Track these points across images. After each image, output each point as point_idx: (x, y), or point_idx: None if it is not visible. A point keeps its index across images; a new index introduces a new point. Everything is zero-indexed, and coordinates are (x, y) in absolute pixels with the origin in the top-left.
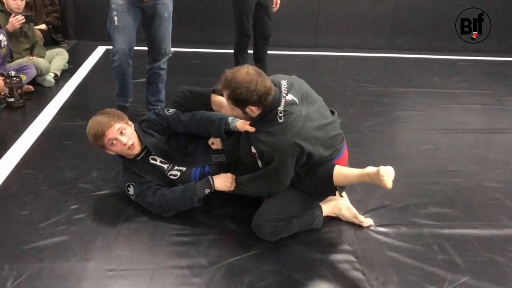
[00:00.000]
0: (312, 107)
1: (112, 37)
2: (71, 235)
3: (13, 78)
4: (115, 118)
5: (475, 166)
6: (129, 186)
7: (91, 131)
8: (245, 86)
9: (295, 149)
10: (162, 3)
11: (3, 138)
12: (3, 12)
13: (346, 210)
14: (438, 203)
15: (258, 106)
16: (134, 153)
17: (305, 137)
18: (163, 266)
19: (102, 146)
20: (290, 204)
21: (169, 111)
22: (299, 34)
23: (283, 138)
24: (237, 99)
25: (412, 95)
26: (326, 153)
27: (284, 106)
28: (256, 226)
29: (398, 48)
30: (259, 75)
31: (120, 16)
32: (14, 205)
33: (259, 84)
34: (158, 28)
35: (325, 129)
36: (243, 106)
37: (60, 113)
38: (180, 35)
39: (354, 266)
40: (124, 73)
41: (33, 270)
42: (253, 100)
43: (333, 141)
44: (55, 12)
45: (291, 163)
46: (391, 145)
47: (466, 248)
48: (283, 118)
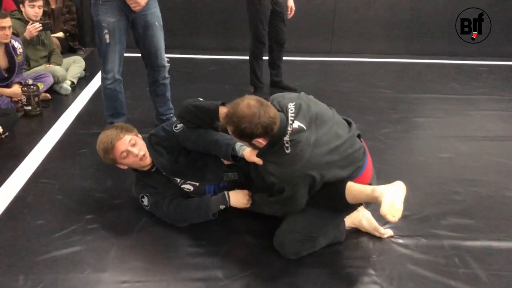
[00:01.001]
0: (322, 129)
1: (103, 55)
2: (85, 246)
3: (30, 87)
4: (123, 130)
5: (496, 175)
6: (143, 197)
7: (101, 145)
8: (248, 120)
9: (306, 179)
10: (151, 13)
11: (20, 146)
12: (21, 20)
13: (367, 222)
14: (459, 214)
15: (265, 137)
16: (146, 164)
17: (315, 165)
18: (178, 278)
19: (114, 160)
20: (316, 221)
21: (177, 127)
22: (314, 40)
23: (292, 170)
24: (242, 134)
25: (430, 101)
26: (344, 173)
27: (291, 135)
28: (280, 245)
29: (415, 53)
30: (261, 106)
31: (112, 34)
32: (30, 214)
33: (262, 115)
34: (153, 39)
35: (339, 150)
36: (249, 140)
37: (76, 121)
38: (196, 42)
39: (373, 280)
40: (116, 90)
41: (48, 281)
42: (258, 133)
43: (351, 159)
44: (72, 20)
45: (303, 192)
46: (409, 153)
47: (489, 261)
48: (290, 148)
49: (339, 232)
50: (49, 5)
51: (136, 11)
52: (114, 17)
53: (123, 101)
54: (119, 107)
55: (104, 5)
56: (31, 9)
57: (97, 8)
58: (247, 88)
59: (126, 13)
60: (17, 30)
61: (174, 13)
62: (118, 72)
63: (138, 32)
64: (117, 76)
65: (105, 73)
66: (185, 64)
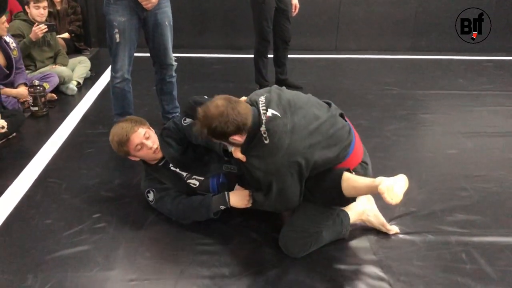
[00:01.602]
0: (298, 114)
1: (114, 54)
2: (93, 244)
3: (37, 87)
4: (138, 123)
5: (504, 170)
6: (149, 192)
7: (115, 137)
8: (217, 120)
9: (291, 167)
10: (162, 12)
11: (27, 147)
12: (26, 22)
13: (374, 218)
14: (466, 210)
15: (240, 134)
16: (159, 156)
17: (297, 151)
18: (185, 276)
19: (127, 152)
20: (317, 215)
21: (186, 121)
22: (319, 38)
23: (275, 161)
24: (215, 134)
25: (436, 97)
26: (331, 153)
27: (266, 125)
28: (285, 245)
29: (421, 49)
30: (229, 104)
31: (123, 33)
32: (38, 214)
33: (231, 113)
34: (162, 38)
35: (320, 131)
36: (225, 139)
37: (82, 121)
38: (201, 40)
39: (380, 276)
40: (125, 89)
41: (56, 279)
42: (230, 131)
43: (335, 138)
44: (78, 21)
45: (292, 180)
46: (415, 150)
47: (497, 257)
48: (268, 138)
49: (343, 227)
50: (55, 6)
51: (148, 9)
52: (125, 17)
53: (131, 101)
54: (127, 106)
55: (115, 4)
56: (36, 10)
57: (108, 7)
58: (252, 86)
59: (137, 13)
60: (22, 31)
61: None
62: (128, 72)
63: (148, 30)
64: (126, 75)
65: (114, 72)
66: (191, 63)
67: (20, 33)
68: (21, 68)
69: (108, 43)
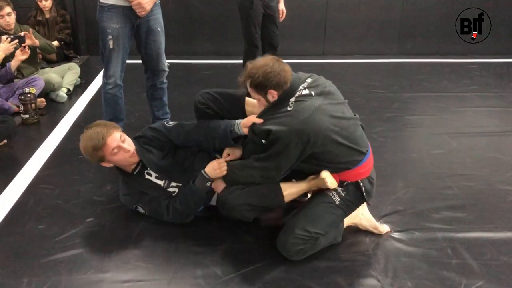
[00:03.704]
0: (329, 100)
1: (107, 60)
2: (87, 248)
3: (27, 95)
4: (112, 127)
5: (488, 169)
6: (137, 208)
7: (89, 142)
8: (262, 70)
9: (301, 136)
10: (154, 18)
11: (19, 154)
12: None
13: (366, 221)
14: (451, 207)
15: (278, 91)
16: (135, 160)
17: (316, 125)
18: (179, 276)
19: (102, 158)
20: (319, 219)
21: (169, 123)
22: (307, 43)
23: (289, 125)
24: (256, 85)
25: (422, 99)
26: (349, 145)
27: (297, 97)
28: (283, 247)
29: (407, 53)
30: (277, 61)
31: (116, 39)
32: (31, 219)
33: (277, 67)
34: (154, 44)
35: (342, 122)
36: (264, 92)
37: (73, 128)
38: (190, 47)
39: (369, 273)
40: (117, 95)
41: (51, 283)
42: (272, 83)
43: (353, 138)
44: (67, 28)
45: (294, 149)
46: (402, 150)
47: (481, 251)
48: (292, 106)
49: (338, 232)
50: (44, 14)
51: (141, 16)
52: (119, 24)
53: (123, 107)
54: (118, 112)
55: (109, 12)
56: (1, 20)
57: (102, 14)
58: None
59: (131, 19)
60: None
61: (170, 19)
62: (120, 78)
63: (140, 37)
64: (118, 81)
65: (106, 78)
66: (180, 69)
67: None
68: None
69: (101, 49)
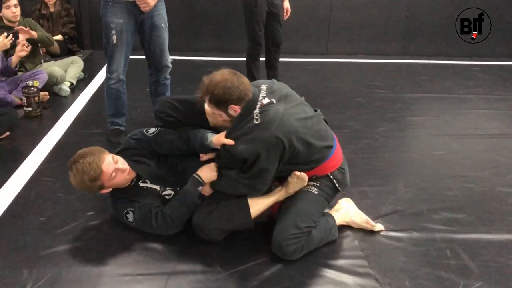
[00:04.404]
0: (290, 104)
1: (110, 55)
2: (87, 241)
3: (30, 88)
4: (100, 152)
5: (488, 171)
6: (127, 213)
7: (85, 176)
8: (222, 86)
9: (277, 145)
10: (158, 14)
11: (21, 146)
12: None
13: (357, 217)
14: (451, 208)
15: (239, 105)
16: (132, 177)
17: (286, 131)
18: (178, 271)
19: (101, 186)
20: (304, 212)
21: (149, 132)
22: (311, 42)
23: (263, 137)
24: (217, 101)
25: (424, 100)
26: (318, 143)
27: (260, 108)
28: (278, 248)
29: (410, 53)
30: (235, 74)
31: (120, 34)
32: (33, 211)
33: (236, 81)
34: (158, 40)
35: (306, 123)
36: (225, 107)
37: (76, 122)
38: (193, 44)
39: (367, 272)
40: (120, 90)
41: (51, 274)
42: (233, 98)
43: (319, 134)
44: (71, 23)
45: (273, 160)
46: (403, 151)
47: (480, 253)
48: (259, 119)
49: (331, 226)
50: (48, 8)
51: (145, 12)
52: (123, 19)
53: (125, 102)
54: (121, 107)
55: (113, 7)
56: (8, 10)
57: (106, 9)
58: None
59: (134, 15)
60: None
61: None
62: (123, 73)
63: (144, 32)
64: (121, 76)
65: (109, 73)
66: (184, 66)
67: None
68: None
69: (104, 44)
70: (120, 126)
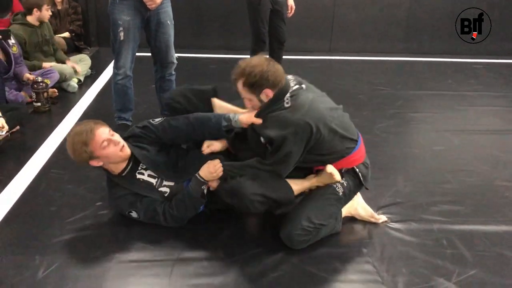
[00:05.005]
0: (317, 93)
1: (117, 51)
2: (96, 229)
3: (39, 84)
4: (99, 122)
5: (487, 166)
6: (130, 212)
7: (76, 138)
8: (259, 69)
9: (305, 128)
10: (164, 11)
11: (31, 140)
12: (25, 25)
13: (362, 210)
14: (449, 201)
15: (273, 89)
16: (125, 155)
17: (315, 116)
18: (183, 258)
19: (91, 153)
20: (325, 209)
21: (155, 120)
22: (314, 39)
23: (292, 120)
24: (253, 83)
25: (426, 97)
26: (343, 133)
27: (291, 92)
28: (287, 237)
29: (413, 51)
30: (271, 60)
31: (127, 31)
32: (43, 202)
33: (272, 66)
34: (163, 36)
35: (333, 112)
36: (259, 90)
37: (83, 117)
38: (198, 41)
39: (365, 260)
40: (127, 86)
41: (62, 261)
42: (268, 82)
43: (347, 127)
44: (78, 20)
45: (299, 145)
46: (403, 146)
47: (475, 243)
48: (290, 102)
49: (337, 222)
50: (56, 6)
51: (151, 9)
52: (130, 16)
53: (132, 97)
54: (128, 102)
55: (120, 4)
56: (46, 13)
57: (114, 6)
58: None
59: (141, 12)
60: (22, 36)
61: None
62: (130, 69)
63: (150, 29)
64: (128, 72)
65: (117, 69)
66: (189, 63)
67: (20, 39)
68: (21, 63)
69: (112, 41)
70: (126, 121)
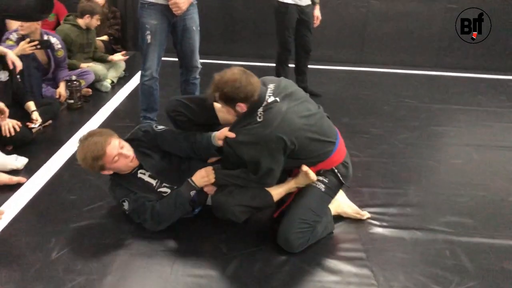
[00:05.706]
0: (294, 102)
1: (145, 53)
2: (110, 219)
3: (73, 82)
4: (108, 135)
5: (503, 182)
6: (124, 201)
7: (89, 154)
8: (230, 85)
9: (278, 142)
10: (190, 18)
11: (61, 134)
12: (75, 27)
13: (348, 208)
14: (458, 213)
15: (246, 103)
16: (135, 165)
17: (287, 129)
18: (186, 250)
19: (102, 167)
20: (317, 204)
21: (158, 127)
22: (345, 50)
23: (264, 135)
24: (225, 98)
25: (451, 112)
26: (320, 139)
27: (264, 107)
28: (285, 242)
29: (444, 66)
30: (244, 73)
31: (154, 35)
32: (65, 190)
33: (244, 81)
34: (189, 42)
35: (310, 120)
36: (233, 104)
37: (112, 115)
38: (230, 48)
39: (364, 264)
40: (153, 87)
41: (75, 244)
42: (240, 97)
43: (322, 130)
44: (117, 24)
45: (279, 159)
46: (420, 158)
47: (479, 256)
48: (262, 117)
49: (329, 221)
50: None
51: (177, 15)
52: (157, 20)
53: (157, 98)
54: (153, 103)
55: (149, 9)
56: (95, 21)
57: (142, 11)
58: None
59: (168, 17)
60: (70, 36)
61: (211, 21)
62: (156, 71)
63: (177, 34)
64: (154, 74)
65: (144, 71)
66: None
67: (68, 39)
68: (64, 67)
69: (140, 43)
70: (151, 120)
